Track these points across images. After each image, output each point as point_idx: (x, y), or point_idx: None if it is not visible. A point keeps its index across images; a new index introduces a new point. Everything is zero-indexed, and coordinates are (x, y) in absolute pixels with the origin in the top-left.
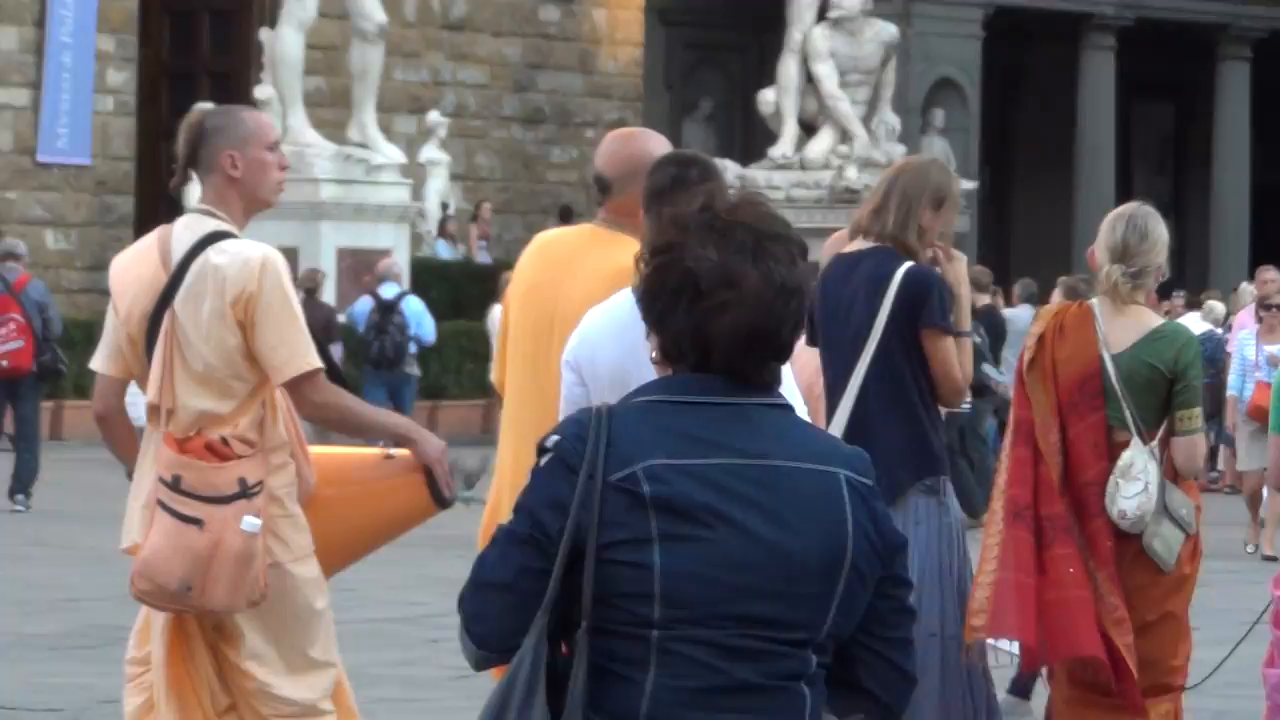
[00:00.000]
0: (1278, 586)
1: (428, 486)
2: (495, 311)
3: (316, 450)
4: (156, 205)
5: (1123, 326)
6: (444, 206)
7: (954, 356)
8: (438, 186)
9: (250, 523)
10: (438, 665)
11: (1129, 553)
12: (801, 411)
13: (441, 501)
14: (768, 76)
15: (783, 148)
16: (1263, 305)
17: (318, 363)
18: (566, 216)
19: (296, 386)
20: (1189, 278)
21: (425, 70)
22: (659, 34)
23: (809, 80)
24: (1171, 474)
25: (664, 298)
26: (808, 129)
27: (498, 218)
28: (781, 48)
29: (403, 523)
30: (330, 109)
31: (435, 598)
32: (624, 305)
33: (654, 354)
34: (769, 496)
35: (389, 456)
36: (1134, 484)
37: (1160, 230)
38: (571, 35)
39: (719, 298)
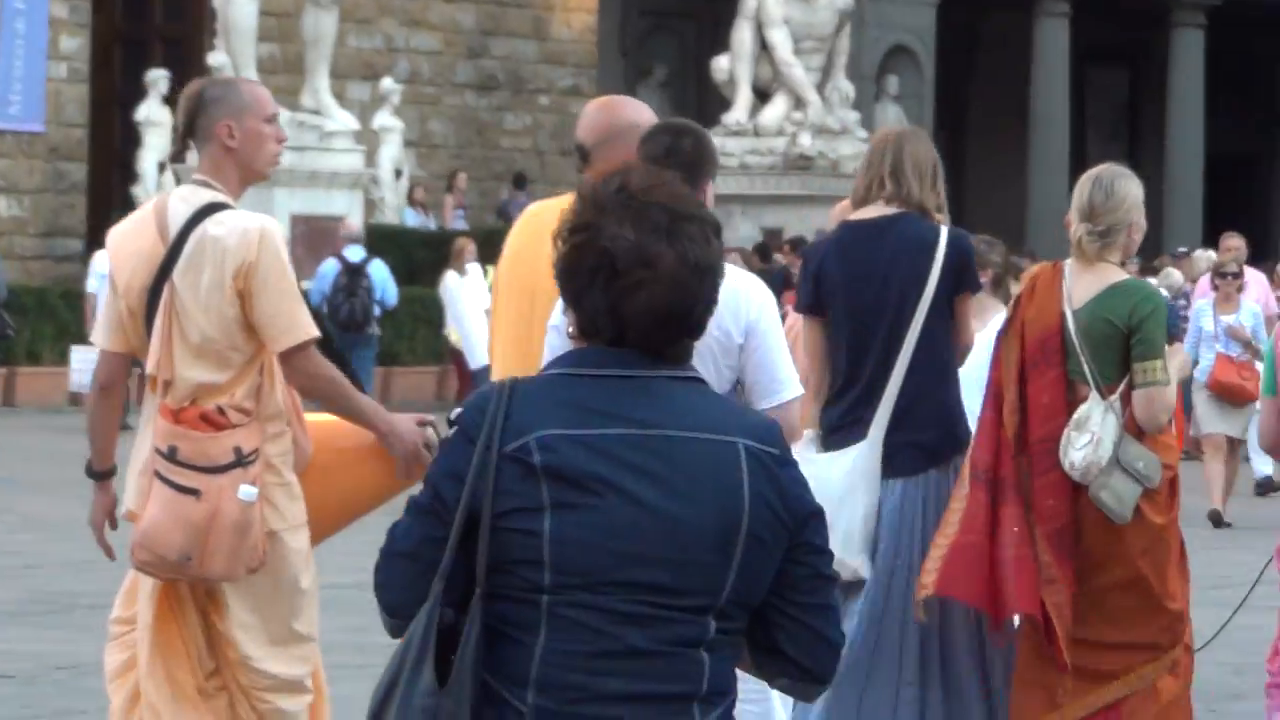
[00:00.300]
0: None
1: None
2: (448, 278)
3: (311, 418)
4: (109, 172)
5: (1086, 284)
6: (397, 173)
7: (972, 318)
8: (391, 153)
9: (247, 491)
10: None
11: (1092, 509)
12: (792, 388)
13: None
14: (722, 43)
15: (737, 114)
16: (1218, 273)
17: (315, 332)
18: (520, 184)
19: (291, 356)
20: (1143, 245)
21: (379, 37)
22: (613, 0)
23: (763, 47)
24: (1136, 428)
25: (581, 276)
26: (762, 96)
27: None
28: (736, 14)
29: (391, 488)
30: (284, 75)
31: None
32: None
33: (570, 330)
34: (661, 466)
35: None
36: (1083, 436)
37: (1128, 188)
38: (525, 2)
39: (635, 277)
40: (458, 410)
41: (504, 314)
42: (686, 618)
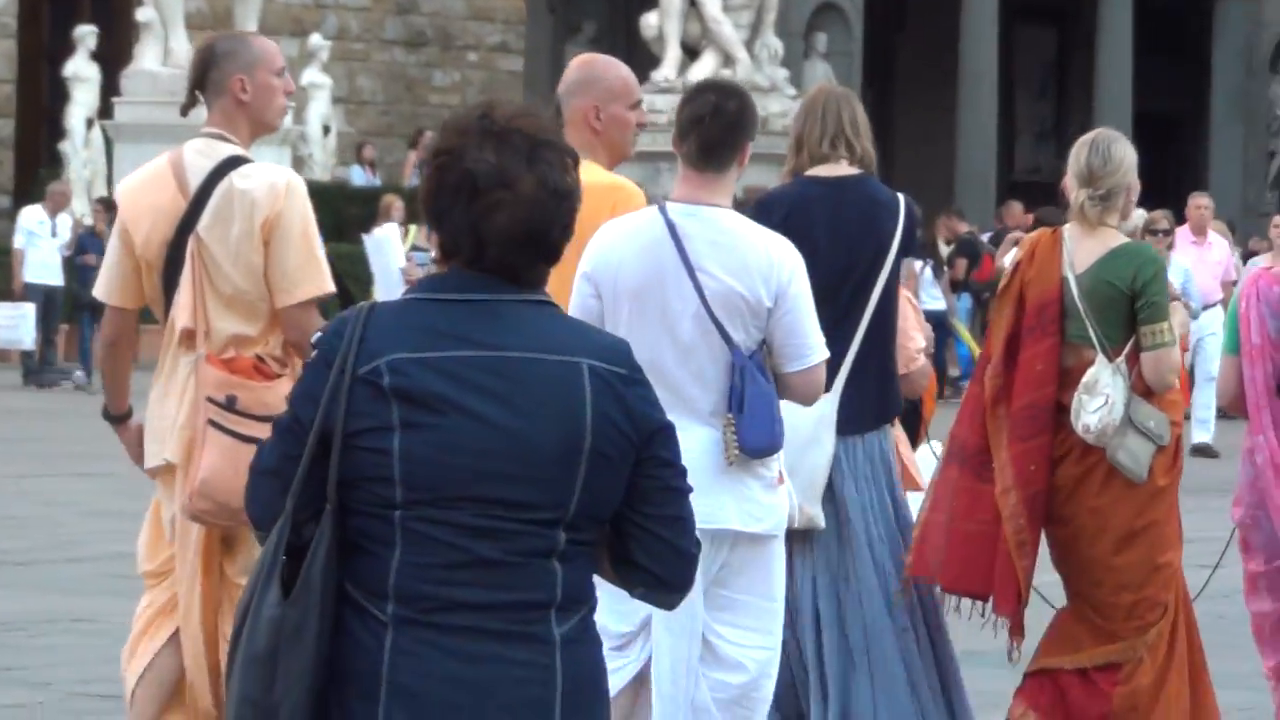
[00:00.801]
0: (1236, 509)
1: None
2: (378, 231)
3: None
4: (37, 128)
5: (1088, 249)
6: (325, 130)
7: None
8: (320, 110)
9: None
10: None
11: (1102, 468)
12: (819, 353)
13: None
14: (650, 0)
15: (665, 71)
16: (1149, 231)
17: (331, 287)
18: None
19: (297, 309)
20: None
21: None
22: None
23: (692, 4)
24: (1144, 389)
25: (444, 197)
26: (690, 53)
27: (380, 141)
28: None
29: None
30: (211, 30)
31: None
32: (651, 225)
33: (434, 253)
34: (505, 386)
35: None
36: (1096, 399)
37: (1124, 151)
38: None
39: (494, 197)
40: (318, 334)
41: None
42: (535, 530)
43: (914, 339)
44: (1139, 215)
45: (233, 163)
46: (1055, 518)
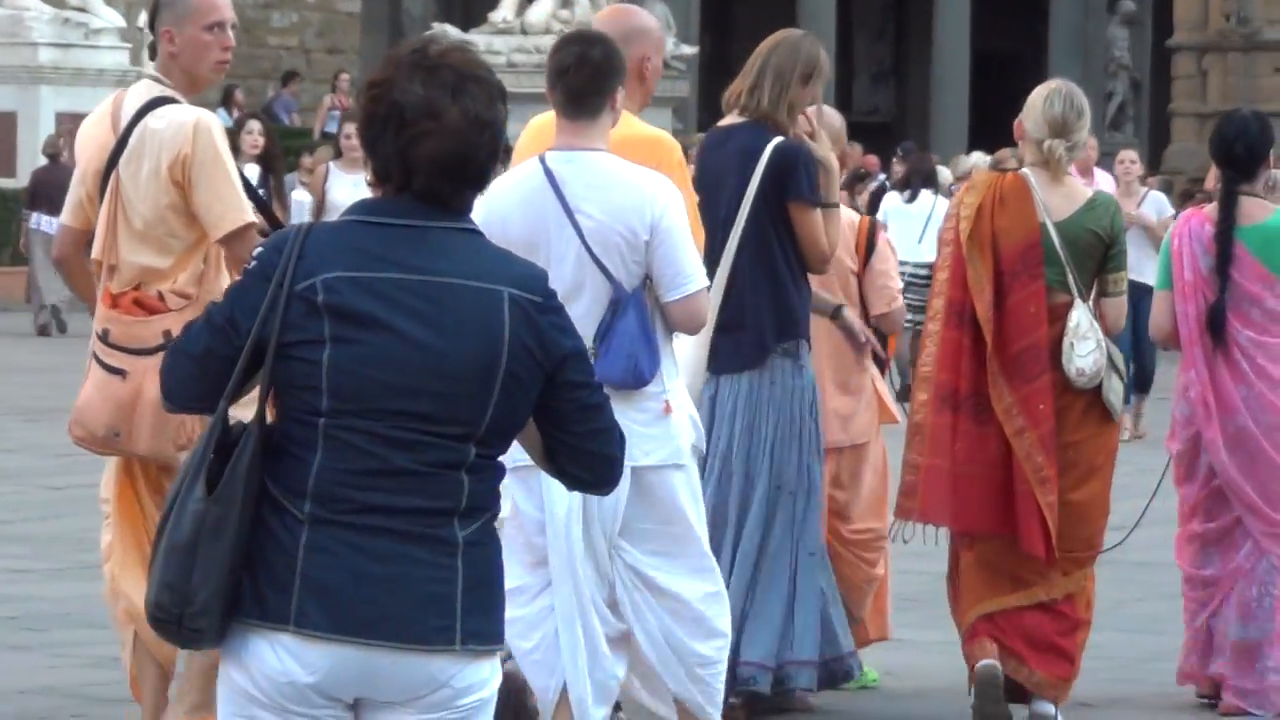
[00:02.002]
0: (1172, 442)
1: None
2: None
3: None
4: None
5: (1061, 196)
6: None
7: (820, 228)
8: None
9: None
10: None
11: (1077, 407)
12: (697, 281)
13: None
14: None
15: (503, 12)
16: (999, 170)
17: (250, 217)
18: (287, 81)
19: (230, 241)
20: (912, 141)
21: None
22: None
23: None
24: (1104, 331)
25: (375, 125)
26: None
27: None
28: None
29: None
30: None
31: None
32: (532, 176)
33: (368, 178)
34: (430, 308)
35: None
36: (1086, 342)
37: (1085, 104)
38: None
39: (421, 127)
40: (258, 250)
41: None
42: (448, 444)
43: (894, 280)
44: (977, 156)
45: (154, 104)
46: None
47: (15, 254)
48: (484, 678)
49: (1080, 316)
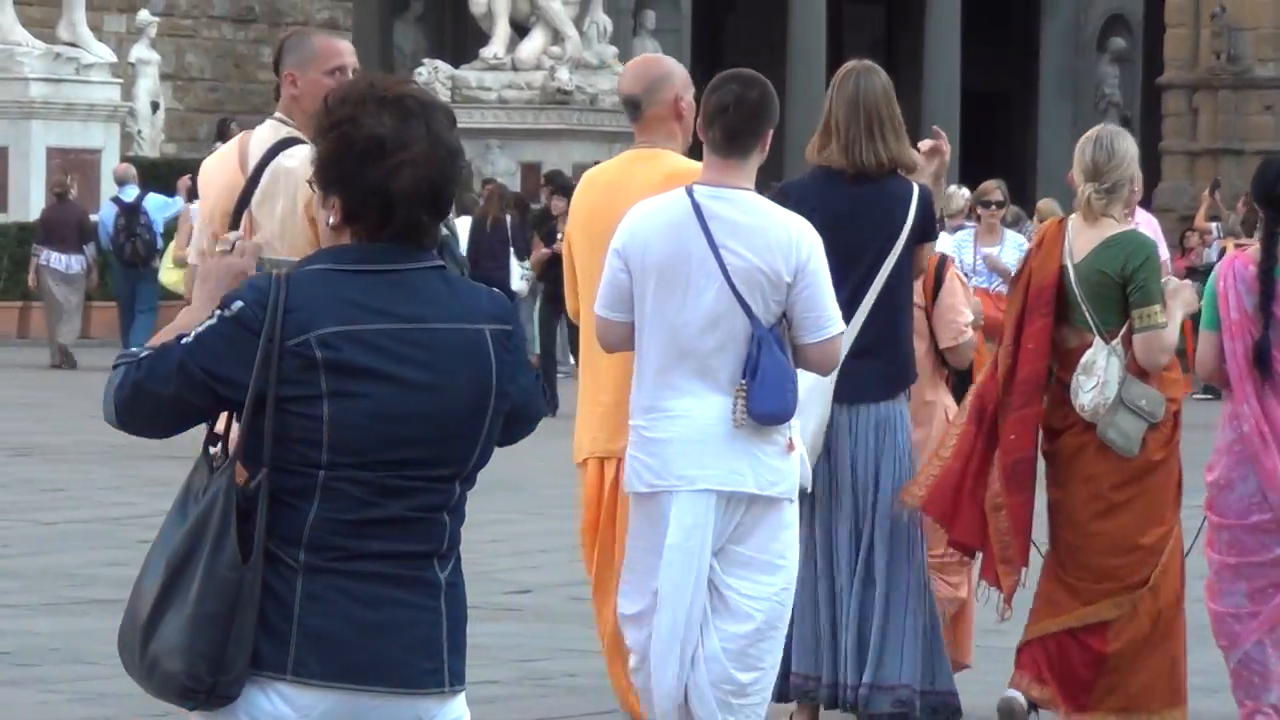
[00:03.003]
0: (1211, 470)
1: None
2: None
3: None
4: None
5: (1088, 238)
6: (154, 106)
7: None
8: (148, 86)
9: None
10: None
11: (1093, 442)
12: (836, 325)
13: None
14: None
15: (494, 48)
16: (981, 203)
17: None
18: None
19: None
20: None
21: None
22: None
23: None
24: (1138, 369)
25: (348, 162)
26: (520, 30)
27: (206, 116)
28: None
29: None
30: (40, 7)
31: (145, 498)
32: (676, 205)
33: (332, 220)
34: (424, 355)
35: None
36: (1090, 379)
37: (1127, 146)
38: None
39: (398, 158)
40: (238, 303)
41: (588, 272)
42: (439, 487)
43: (963, 314)
44: (961, 193)
45: (284, 144)
46: (1054, 483)
47: (7, 288)
48: (459, 715)
49: (1095, 355)
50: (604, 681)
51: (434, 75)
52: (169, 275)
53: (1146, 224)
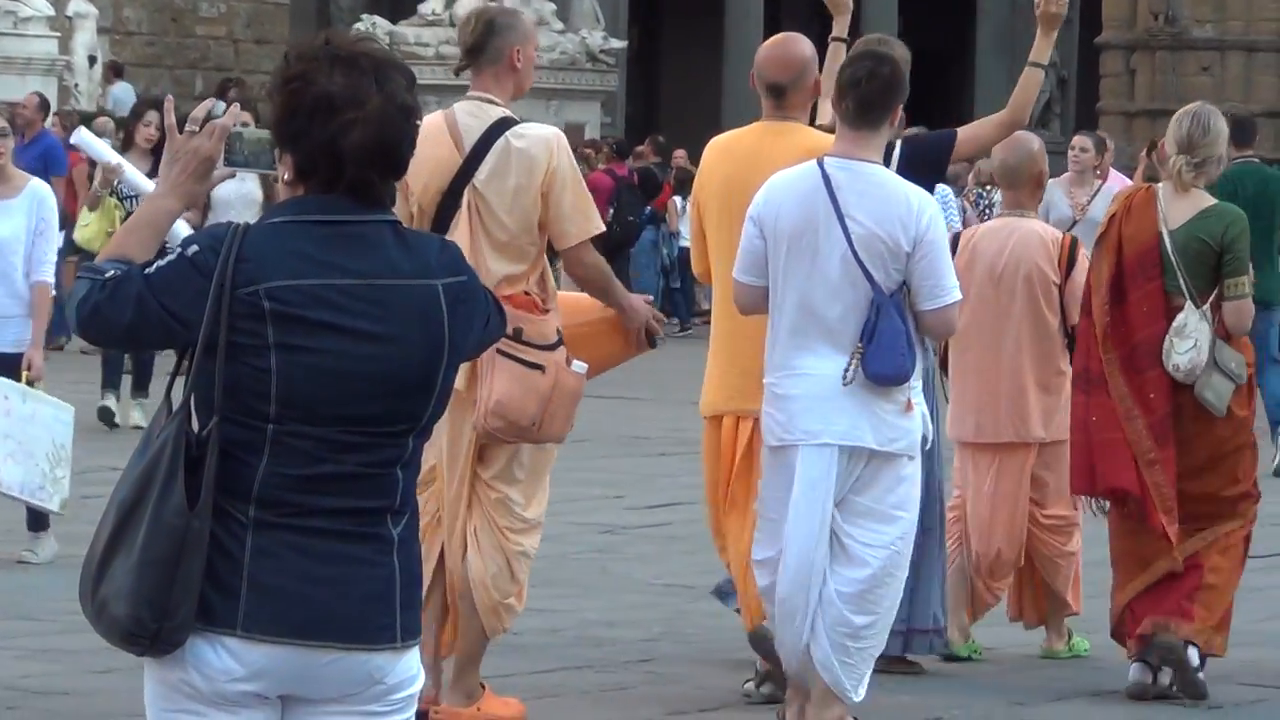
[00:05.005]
0: None
1: (641, 330)
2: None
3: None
4: None
5: (1181, 208)
6: (91, 60)
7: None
8: (85, 40)
9: (579, 365)
10: (91, 522)
11: (1190, 403)
12: (953, 294)
13: (653, 343)
14: None
15: (432, 4)
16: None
17: (602, 227)
18: (226, 89)
19: (579, 248)
20: None
21: None
22: None
23: None
24: (1224, 332)
25: (299, 118)
26: None
27: (144, 71)
28: None
29: (617, 359)
30: None
31: (85, 453)
32: (808, 176)
33: (286, 175)
34: (375, 311)
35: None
36: (1186, 341)
37: (1221, 125)
38: None
39: (349, 115)
40: (194, 247)
41: (719, 235)
42: (393, 442)
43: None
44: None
45: (505, 123)
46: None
47: None
48: (414, 672)
49: (1186, 318)
50: (547, 638)
51: (372, 31)
52: (83, 232)
53: (1120, 183)
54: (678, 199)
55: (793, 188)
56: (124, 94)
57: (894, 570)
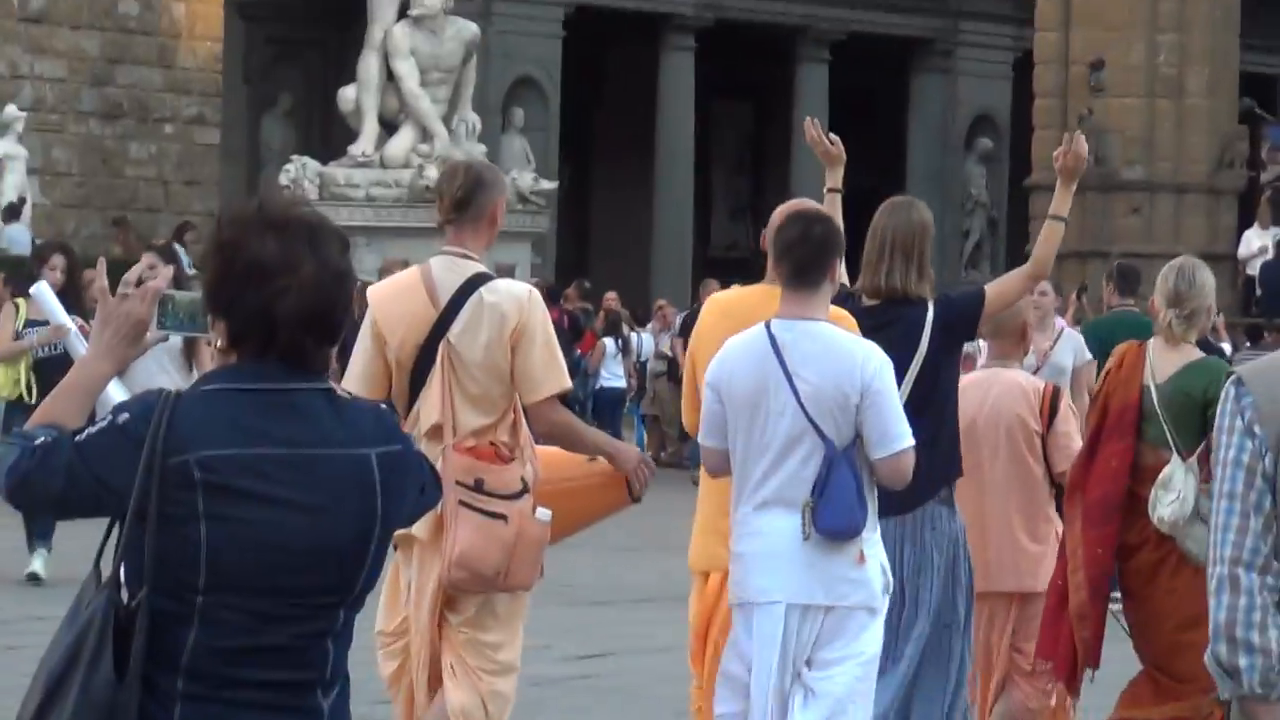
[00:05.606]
0: None
1: (626, 486)
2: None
3: (539, 449)
4: None
5: (1170, 360)
6: (20, 201)
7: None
8: (14, 181)
9: (543, 513)
10: (16, 673)
11: (1174, 556)
12: (904, 441)
13: (635, 497)
14: (348, 73)
15: (363, 145)
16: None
17: (568, 383)
18: (183, 232)
19: (544, 404)
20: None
21: (2, 63)
22: (238, 27)
23: (390, 78)
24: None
25: (232, 285)
26: (389, 127)
27: (74, 212)
28: (362, 44)
29: (601, 514)
30: None
31: (11, 604)
32: (757, 340)
33: (220, 343)
34: (307, 481)
35: (593, 459)
36: (1170, 494)
37: (1207, 277)
38: (151, 29)
39: (283, 282)
40: (124, 415)
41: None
42: (324, 613)
43: (1076, 440)
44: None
45: (480, 279)
46: (1136, 598)
47: None
48: None
49: (1173, 470)
50: None
51: (302, 172)
52: None
53: (1070, 336)
54: (609, 341)
55: (744, 352)
56: (18, 234)
57: (857, 699)
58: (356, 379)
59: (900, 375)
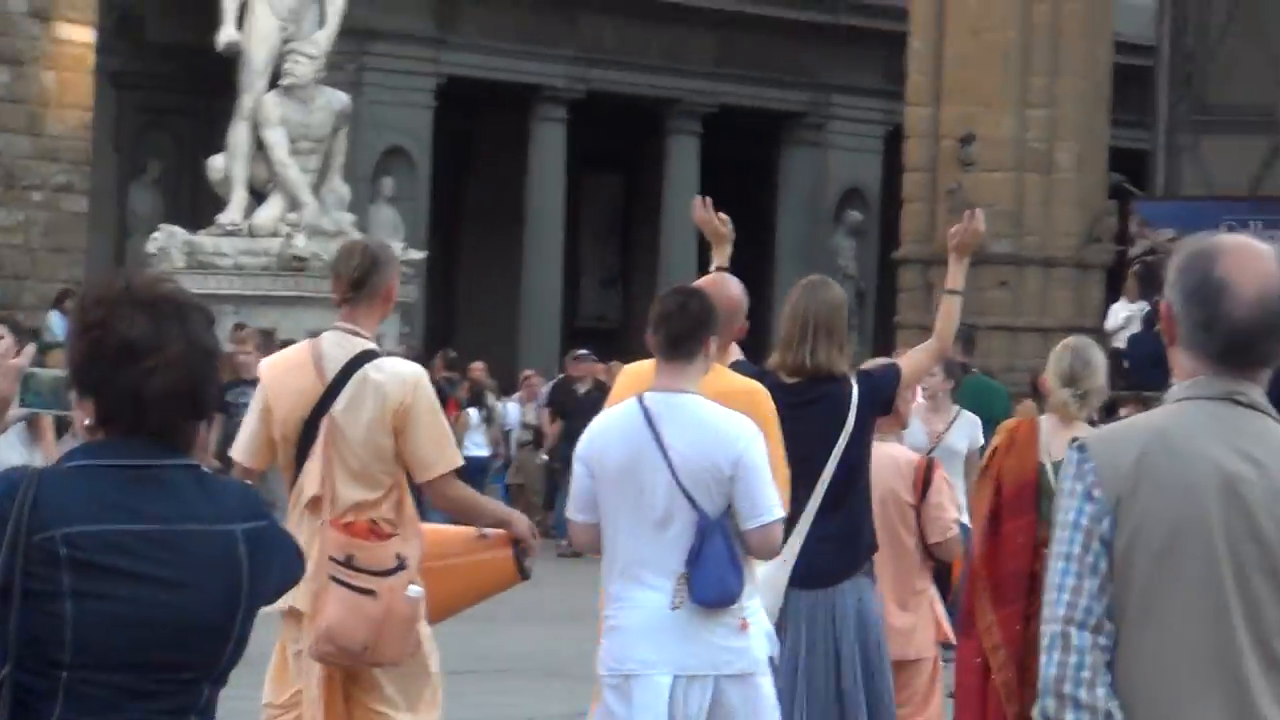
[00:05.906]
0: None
1: (514, 561)
2: None
3: (425, 526)
4: None
5: (1064, 439)
6: None
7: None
8: None
9: (415, 590)
10: None
11: None
12: (774, 512)
13: (524, 574)
14: (218, 142)
15: (232, 214)
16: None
17: (460, 461)
18: (62, 299)
19: (438, 482)
20: (637, 349)
21: None
22: (109, 96)
23: (259, 147)
24: None
25: (101, 365)
26: (258, 196)
27: None
28: (233, 113)
29: (489, 591)
30: None
31: None
32: (630, 413)
33: (87, 420)
34: (172, 558)
35: (483, 536)
36: None
37: (1099, 357)
38: (20, 97)
39: (151, 361)
40: None
41: None
42: (188, 689)
43: (949, 511)
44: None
45: (367, 355)
46: (1030, 670)
47: None
48: None
49: None
50: None
51: (170, 240)
52: None
53: (966, 419)
54: (473, 410)
55: (616, 426)
56: None
57: None
58: (242, 449)
59: (828, 449)
